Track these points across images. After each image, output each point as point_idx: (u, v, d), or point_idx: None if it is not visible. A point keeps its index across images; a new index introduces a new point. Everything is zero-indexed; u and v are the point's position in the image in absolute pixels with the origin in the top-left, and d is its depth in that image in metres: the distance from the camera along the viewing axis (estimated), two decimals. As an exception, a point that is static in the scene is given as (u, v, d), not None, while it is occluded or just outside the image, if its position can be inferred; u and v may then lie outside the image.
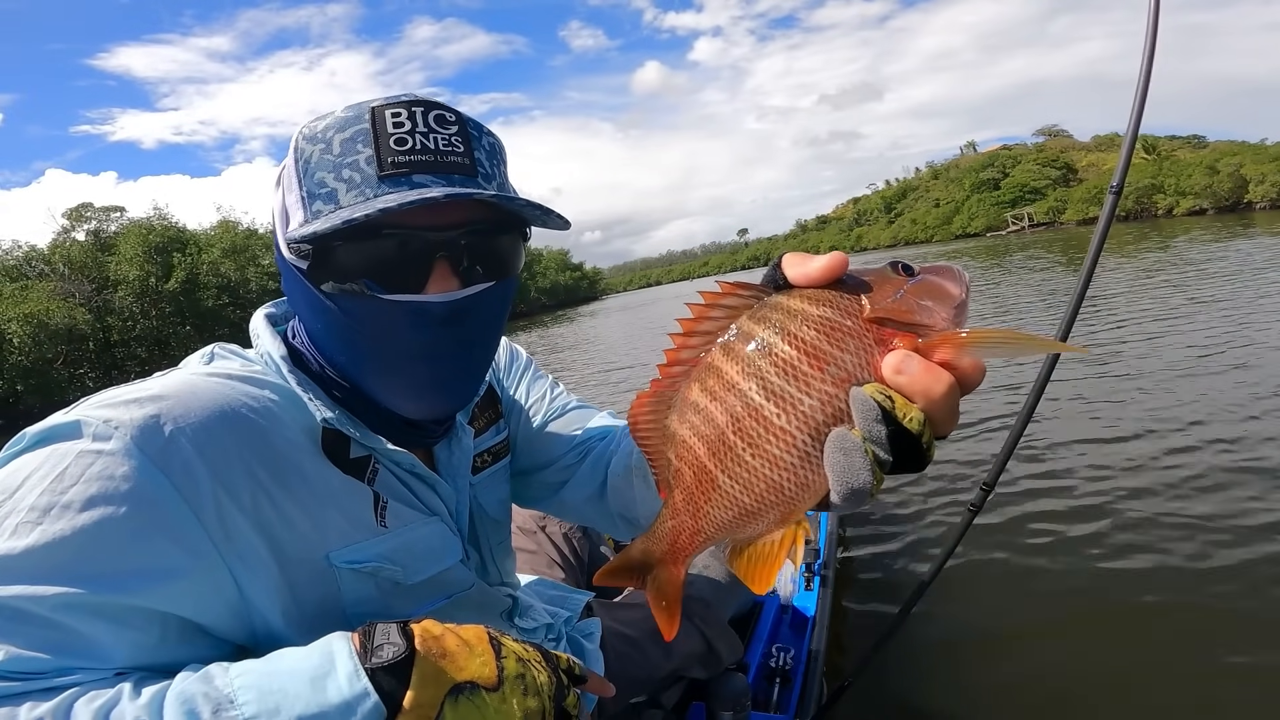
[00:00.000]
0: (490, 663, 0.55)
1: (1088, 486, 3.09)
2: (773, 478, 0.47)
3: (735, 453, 0.48)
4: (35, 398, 25.21)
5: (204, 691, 0.49)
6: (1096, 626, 2.14)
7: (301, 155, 0.63)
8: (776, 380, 0.46)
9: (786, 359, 0.46)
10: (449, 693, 0.52)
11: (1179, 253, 14.03)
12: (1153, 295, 8.45)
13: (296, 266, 0.64)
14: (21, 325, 25.65)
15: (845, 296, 0.48)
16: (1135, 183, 55.44)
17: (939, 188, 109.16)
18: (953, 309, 0.47)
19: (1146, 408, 4.05)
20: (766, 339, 0.47)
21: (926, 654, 2.12)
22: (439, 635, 0.55)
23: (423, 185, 0.60)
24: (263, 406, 0.63)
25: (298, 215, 0.63)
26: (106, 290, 32.04)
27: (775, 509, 0.49)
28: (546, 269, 76.42)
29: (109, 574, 0.51)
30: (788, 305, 0.48)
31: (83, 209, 35.84)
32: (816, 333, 0.46)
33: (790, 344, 0.47)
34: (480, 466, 0.87)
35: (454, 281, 0.64)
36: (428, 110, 0.63)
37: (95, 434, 0.54)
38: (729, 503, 0.50)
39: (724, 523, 0.51)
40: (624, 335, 17.53)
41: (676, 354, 0.51)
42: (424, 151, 0.61)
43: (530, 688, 0.56)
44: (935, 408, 0.44)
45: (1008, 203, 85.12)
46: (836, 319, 0.47)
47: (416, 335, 0.63)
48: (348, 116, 0.63)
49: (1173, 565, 2.37)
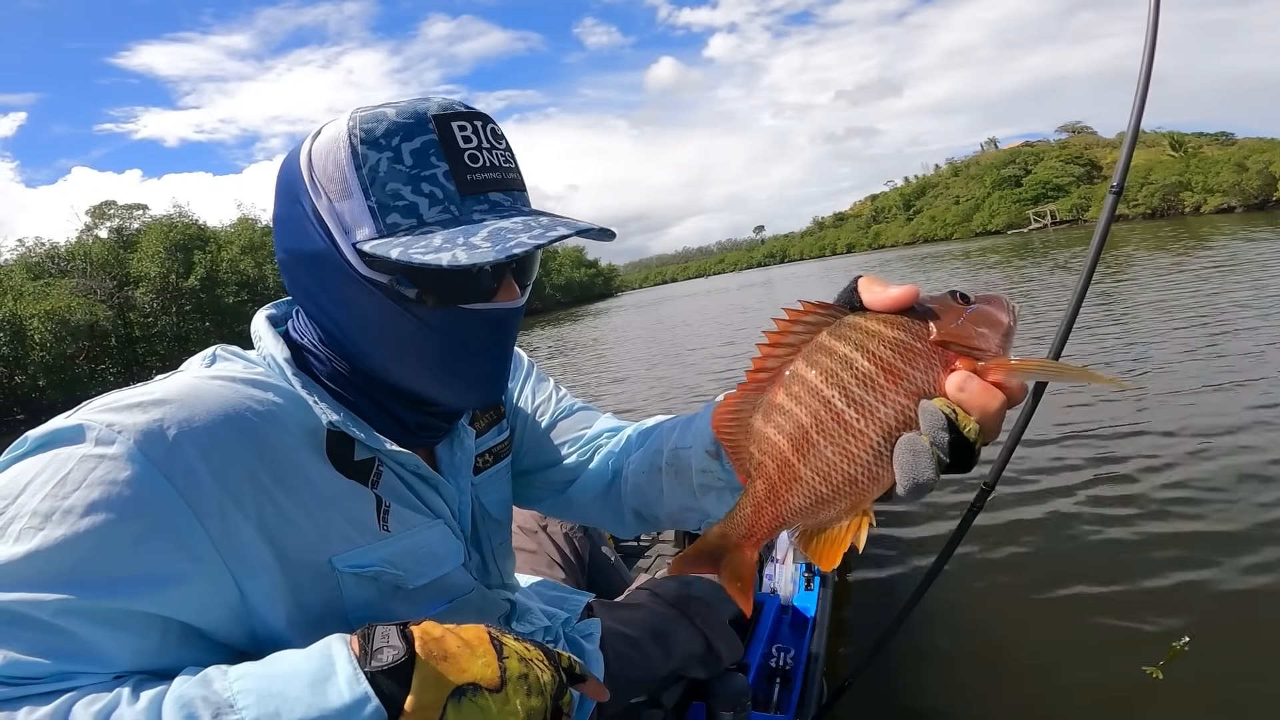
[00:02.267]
0: (493, 663, 0.54)
1: (1088, 487, 3.09)
2: (849, 471, 0.55)
3: (818, 449, 0.55)
4: (57, 393, 25.61)
5: (203, 695, 0.49)
6: (1097, 627, 2.12)
7: (365, 161, 0.62)
8: (857, 390, 0.54)
9: (866, 373, 0.54)
10: (451, 695, 0.52)
11: (1203, 250, 13.69)
12: (1165, 291, 8.34)
13: (368, 278, 0.64)
14: (43, 322, 26.09)
15: (915, 321, 0.55)
16: (1162, 180, 54.63)
17: (959, 185, 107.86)
18: (1002, 335, 0.55)
19: (1149, 408, 4.02)
20: (848, 354, 0.55)
21: (927, 654, 2.11)
22: (439, 637, 0.54)
23: (499, 204, 0.65)
24: (266, 409, 0.63)
25: (364, 226, 0.63)
26: (128, 287, 32.50)
27: (847, 498, 0.56)
28: (561, 265, 76.51)
29: (111, 579, 0.52)
30: (866, 326, 0.55)
31: (105, 207, 36.42)
32: (892, 352, 0.54)
33: (869, 360, 0.54)
34: (482, 466, 0.88)
35: (515, 291, 0.69)
36: (484, 124, 0.66)
37: (98, 438, 0.54)
38: (808, 491, 0.57)
39: (801, 509, 0.58)
40: (630, 339, 17.32)
41: (762, 362, 0.58)
42: (493, 169, 0.65)
43: (534, 687, 0.55)
44: (989, 421, 0.52)
45: (1029, 200, 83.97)
46: (909, 341, 0.54)
47: (485, 338, 0.69)
48: (408, 123, 0.63)
49: (1174, 566, 2.36)
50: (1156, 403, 4.12)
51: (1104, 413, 4.04)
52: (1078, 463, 3.37)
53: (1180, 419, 3.72)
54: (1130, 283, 9.97)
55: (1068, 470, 3.31)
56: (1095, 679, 1.90)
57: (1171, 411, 3.89)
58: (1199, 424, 3.60)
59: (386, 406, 0.72)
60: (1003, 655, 2.09)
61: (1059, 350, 1.12)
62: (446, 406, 0.75)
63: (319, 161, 0.64)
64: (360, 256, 0.64)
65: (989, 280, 14.91)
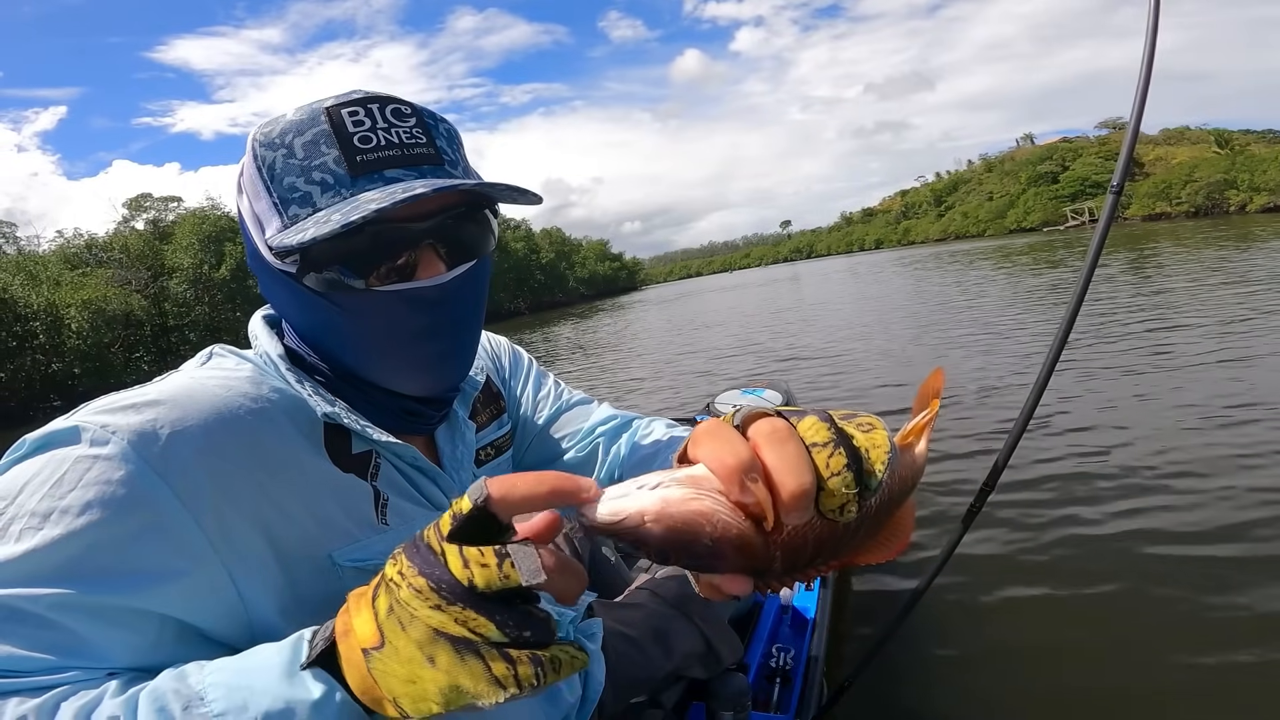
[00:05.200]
0: (367, 612, 0.46)
1: (1088, 487, 3.08)
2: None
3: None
4: (92, 380, 26.39)
5: (175, 688, 0.49)
6: (1097, 627, 2.13)
7: (264, 162, 0.64)
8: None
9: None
10: (366, 662, 0.45)
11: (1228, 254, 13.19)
12: (1161, 296, 8.41)
13: (283, 271, 0.66)
14: (80, 311, 26.86)
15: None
16: (1206, 177, 53.10)
17: (992, 181, 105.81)
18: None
19: (1150, 410, 4.02)
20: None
21: (927, 654, 2.12)
22: (346, 608, 0.49)
23: (396, 179, 0.63)
24: (260, 406, 0.64)
25: (273, 222, 0.64)
26: (162, 277, 33.34)
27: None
28: (585, 259, 76.70)
29: (106, 576, 0.52)
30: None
31: (142, 199, 37.44)
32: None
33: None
34: (484, 460, 0.88)
35: (439, 266, 0.66)
36: (383, 105, 0.65)
37: (93, 439, 0.55)
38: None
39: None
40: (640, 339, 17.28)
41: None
42: (390, 146, 0.64)
43: (402, 617, 0.44)
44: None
45: (1066, 197, 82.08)
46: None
47: (413, 320, 0.66)
48: (301, 119, 0.65)
49: (1175, 568, 2.35)
50: (1162, 404, 4.07)
51: (1108, 412, 4.01)
52: (1080, 462, 3.34)
53: (1193, 418, 3.68)
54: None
55: (1069, 469, 3.28)
56: (1095, 680, 1.89)
57: (1183, 411, 3.83)
58: (1215, 423, 3.56)
59: (368, 395, 0.72)
60: (1003, 656, 2.09)
61: (1056, 356, 1.11)
62: (405, 394, 0.73)
63: (245, 168, 0.67)
64: (270, 251, 0.66)
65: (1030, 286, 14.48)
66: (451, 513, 0.45)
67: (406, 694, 0.44)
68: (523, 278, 54.57)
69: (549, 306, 51.06)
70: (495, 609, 0.43)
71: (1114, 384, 4.70)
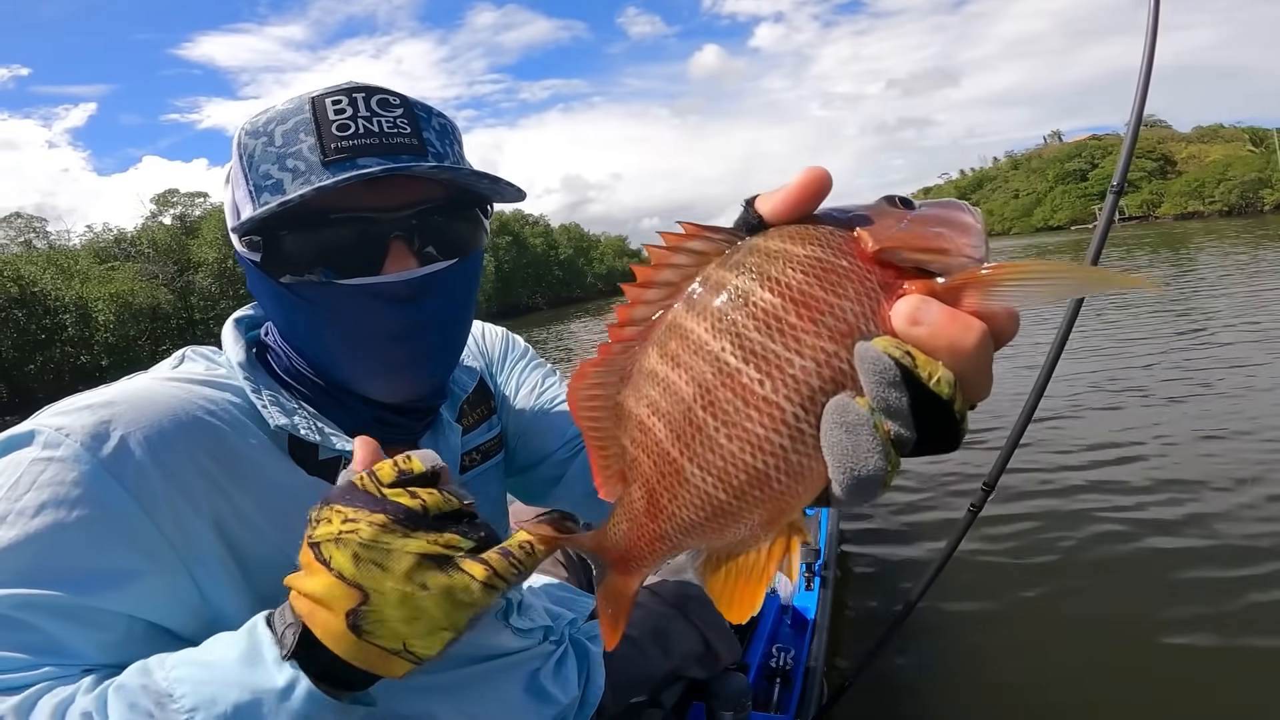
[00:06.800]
0: (329, 580, 0.46)
1: (1090, 487, 3.05)
2: (755, 465, 0.37)
3: (706, 433, 0.38)
4: (120, 372, 26.46)
5: (143, 684, 0.49)
6: (1097, 628, 2.11)
7: (245, 150, 0.65)
8: (756, 336, 0.36)
9: (769, 309, 0.36)
10: (358, 636, 0.46)
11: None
12: (1172, 297, 8.50)
13: (250, 259, 0.65)
14: (108, 304, 27.46)
15: (838, 232, 0.38)
16: (1240, 176, 51.97)
17: (1019, 178, 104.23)
18: (971, 239, 0.37)
19: (1151, 409, 3.97)
20: (742, 287, 0.37)
21: (927, 655, 2.12)
22: (295, 590, 0.49)
23: (367, 167, 0.61)
24: (221, 409, 0.64)
25: (246, 209, 0.64)
26: (188, 271, 33.94)
27: (760, 506, 0.38)
28: (604, 255, 76.78)
29: (65, 577, 0.53)
30: (766, 246, 0.38)
31: (169, 194, 38.15)
32: (805, 275, 0.36)
33: (772, 291, 0.36)
34: (469, 465, 0.86)
35: (410, 261, 0.64)
36: (369, 95, 0.64)
37: (46, 442, 0.55)
38: (700, 499, 0.39)
39: (693, 524, 0.40)
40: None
41: (629, 311, 0.41)
42: (367, 135, 0.62)
43: (376, 558, 0.46)
44: (965, 366, 0.33)
45: (1096, 195, 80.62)
46: (829, 258, 0.37)
47: (379, 317, 0.64)
48: (288, 108, 0.64)
49: (1176, 568, 2.32)
50: (1163, 403, 4.01)
51: (1109, 412, 3.91)
52: (1081, 462, 3.25)
53: (1195, 417, 3.62)
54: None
55: (1070, 470, 3.21)
56: (1095, 680, 1.88)
57: (1183, 412, 3.78)
58: (1216, 422, 3.48)
59: (346, 402, 0.70)
60: (1002, 656, 2.09)
61: (1055, 358, 1.06)
62: (377, 399, 0.71)
63: (232, 159, 0.68)
64: (240, 239, 0.65)
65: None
66: (397, 466, 0.49)
67: (413, 632, 0.45)
68: (540, 274, 54.79)
69: (567, 302, 51.22)
70: (451, 524, 0.48)
71: (1115, 384, 4.63)
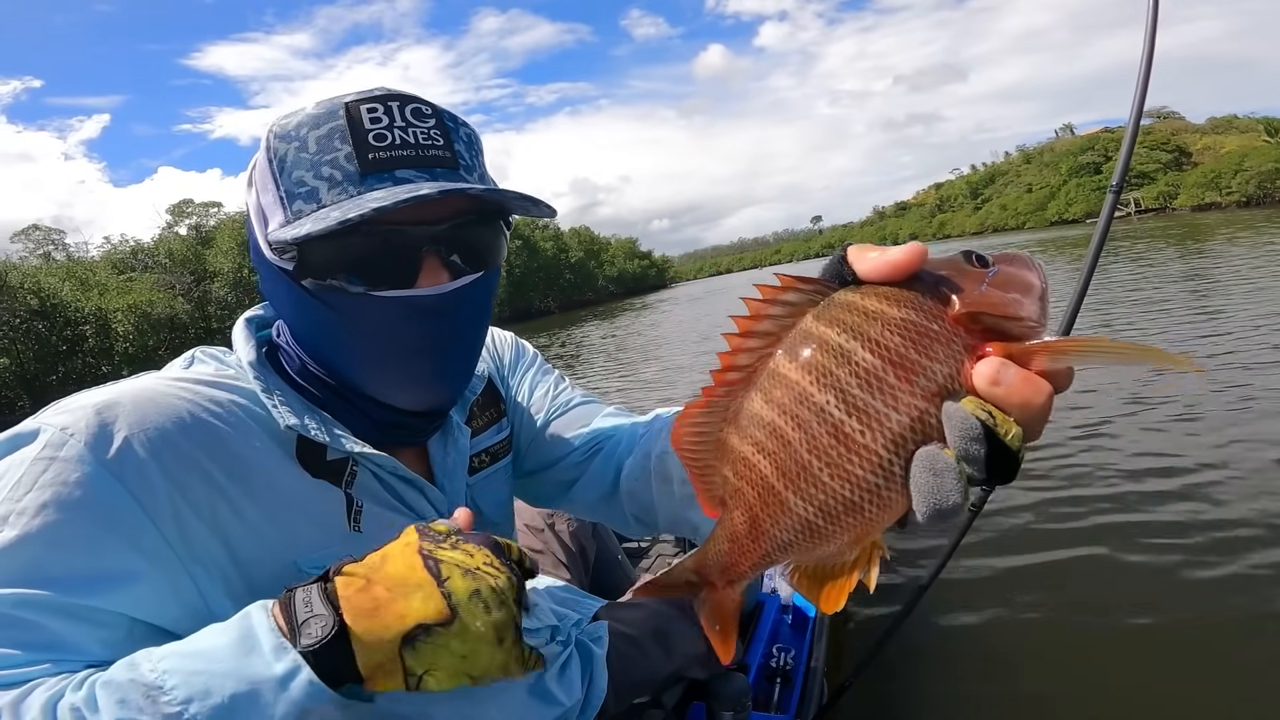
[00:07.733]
0: (433, 594, 0.48)
1: (1090, 487, 3.04)
2: (850, 498, 0.43)
3: (810, 471, 0.43)
4: (139, 382, 27.10)
5: (131, 678, 0.48)
6: (1097, 628, 2.10)
7: (276, 154, 0.63)
8: (858, 393, 0.41)
9: (870, 369, 0.41)
10: (403, 644, 0.47)
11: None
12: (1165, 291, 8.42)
13: (281, 267, 0.64)
14: (127, 315, 27.77)
15: (927, 295, 0.42)
16: (1257, 167, 51.05)
17: (1031, 172, 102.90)
18: (1038, 303, 0.42)
19: (1154, 409, 3.96)
20: (843, 344, 0.42)
21: (927, 654, 2.11)
22: (363, 585, 0.49)
23: (406, 180, 0.61)
24: (227, 411, 0.63)
25: (277, 215, 0.63)
26: (205, 281, 34.25)
27: (850, 530, 0.45)
28: (614, 257, 76.75)
29: (66, 576, 0.52)
30: (863, 306, 0.42)
31: (184, 205, 38.54)
32: (901, 338, 0.41)
33: (872, 352, 0.41)
34: (478, 467, 0.86)
35: (443, 275, 0.64)
36: (404, 104, 0.63)
37: (49, 441, 0.55)
38: (799, 524, 0.45)
39: (790, 544, 0.47)
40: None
41: (732, 358, 0.46)
42: (404, 146, 0.62)
43: (492, 600, 0.49)
44: (1032, 421, 0.40)
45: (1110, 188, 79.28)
46: (922, 322, 0.41)
47: (409, 329, 0.64)
48: (320, 113, 0.63)
49: (1176, 568, 2.31)
50: (1165, 402, 3.99)
51: (1109, 413, 3.91)
52: (1081, 462, 3.26)
53: (1195, 417, 3.61)
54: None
55: (1071, 470, 3.22)
56: (1096, 681, 1.87)
57: (1184, 410, 3.77)
58: (1219, 422, 3.47)
59: (358, 405, 0.70)
60: (1003, 656, 2.07)
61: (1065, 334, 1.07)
62: (397, 407, 0.71)
63: (257, 160, 0.66)
64: (269, 246, 0.64)
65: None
66: (522, 561, 0.54)
67: (450, 666, 0.47)
68: (552, 277, 54.85)
69: (578, 305, 51.21)
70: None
71: (1119, 384, 4.57)
